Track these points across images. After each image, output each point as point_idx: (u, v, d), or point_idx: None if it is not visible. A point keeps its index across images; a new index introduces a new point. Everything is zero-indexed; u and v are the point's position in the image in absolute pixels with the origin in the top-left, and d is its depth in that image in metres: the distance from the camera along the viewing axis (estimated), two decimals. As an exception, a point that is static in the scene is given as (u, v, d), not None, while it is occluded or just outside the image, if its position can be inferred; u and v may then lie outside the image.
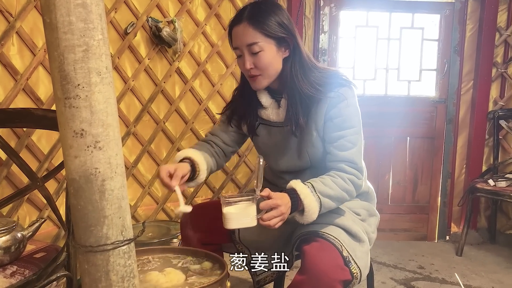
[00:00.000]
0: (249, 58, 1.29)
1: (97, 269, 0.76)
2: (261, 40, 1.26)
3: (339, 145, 1.28)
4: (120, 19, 2.33)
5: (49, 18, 0.69)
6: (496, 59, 2.82)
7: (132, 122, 2.45)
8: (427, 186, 2.97)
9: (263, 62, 1.28)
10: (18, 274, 1.26)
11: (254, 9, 1.29)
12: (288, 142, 1.38)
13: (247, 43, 1.27)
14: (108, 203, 0.74)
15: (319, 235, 1.24)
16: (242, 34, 1.28)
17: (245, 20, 1.27)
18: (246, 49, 1.28)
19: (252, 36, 1.26)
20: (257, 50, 1.27)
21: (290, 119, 1.33)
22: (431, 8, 2.83)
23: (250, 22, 1.26)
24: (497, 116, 2.82)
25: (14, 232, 1.29)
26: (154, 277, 1.15)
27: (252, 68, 1.29)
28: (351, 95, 1.30)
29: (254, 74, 1.30)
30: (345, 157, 1.28)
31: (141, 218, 2.56)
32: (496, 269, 2.52)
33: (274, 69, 1.31)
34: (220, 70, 2.69)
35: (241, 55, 1.31)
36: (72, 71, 0.70)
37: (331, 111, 1.29)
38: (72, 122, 0.71)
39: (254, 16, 1.27)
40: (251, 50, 1.27)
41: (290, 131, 1.34)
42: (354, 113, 1.30)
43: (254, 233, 1.42)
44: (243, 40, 1.28)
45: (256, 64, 1.28)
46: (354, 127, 1.30)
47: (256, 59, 1.28)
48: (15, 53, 2.00)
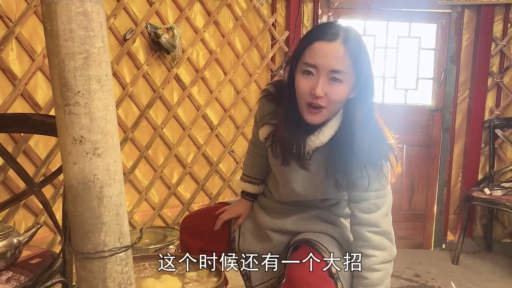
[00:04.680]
0: (325, 85, 1.08)
1: (94, 276, 0.76)
2: (349, 72, 1.09)
3: (363, 208, 1.18)
4: (119, 25, 2.34)
5: (50, 26, 0.70)
6: (492, 68, 2.84)
7: (129, 128, 2.45)
8: (424, 194, 2.98)
9: (337, 95, 1.10)
10: (13, 280, 1.26)
11: (350, 34, 1.10)
12: (296, 177, 1.27)
13: (334, 68, 1.08)
14: (106, 210, 0.74)
15: (310, 244, 1.24)
16: (332, 55, 1.07)
17: (341, 41, 1.08)
18: (326, 74, 1.08)
19: (343, 63, 1.08)
20: (339, 79, 1.08)
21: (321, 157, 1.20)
22: (428, 18, 2.86)
23: (347, 47, 1.08)
24: (493, 125, 2.83)
25: (10, 238, 1.28)
26: (151, 284, 1.15)
27: (322, 97, 1.09)
28: (388, 171, 1.17)
29: (319, 105, 1.10)
30: (369, 220, 1.18)
31: (138, 224, 2.55)
32: (492, 278, 2.52)
33: (340, 106, 1.15)
34: (218, 77, 2.70)
35: (312, 76, 1.10)
36: (72, 78, 0.70)
37: (360, 194, 1.18)
38: (71, 128, 0.71)
39: (351, 42, 1.08)
40: (332, 76, 1.08)
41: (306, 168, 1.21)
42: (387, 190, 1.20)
43: (253, 243, 1.43)
44: (331, 62, 1.07)
45: (329, 94, 1.09)
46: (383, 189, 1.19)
47: (332, 89, 1.09)
48: (14, 58, 2.01)
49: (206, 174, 2.73)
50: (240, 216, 1.47)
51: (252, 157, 1.52)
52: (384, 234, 1.20)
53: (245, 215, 1.47)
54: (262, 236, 1.41)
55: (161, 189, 2.63)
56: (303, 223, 1.34)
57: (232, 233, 1.48)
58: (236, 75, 2.74)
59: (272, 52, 2.77)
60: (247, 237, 1.45)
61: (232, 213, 1.47)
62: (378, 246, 1.19)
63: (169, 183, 2.63)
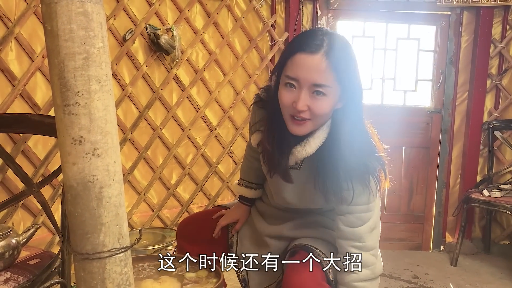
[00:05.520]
0: (307, 98, 1.05)
1: (93, 277, 0.76)
2: (332, 85, 1.05)
3: (347, 221, 1.16)
4: (119, 26, 2.34)
5: (50, 26, 0.69)
6: (490, 70, 2.85)
7: (129, 129, 2.45)
8: (422, 196, 2.98)
9: (321, 109, 1.07)
10: (12, 280, 1.25)
11: (334, 44, 1.05)
12: (287, 187, 1.26)
13: (316, 82, 1.04)
14: (105, 211, 0.74)
15: (307, 249, 1.23)
16: (313, 69, 1.03)
17: (323, 54, 1.03)
18: (308, 87, 1.05)
19: (325, 76, 1.04)
20: (322, 92, 1.05)
21: (309, 167, 1.18)
22: (427, 20, 2.87)
23: (329, 59, 1.03)
24: (491, 127, 2.84)
25: (9, 238, 1.28)
26: (150, 285, 1.15)
27: (305, 111, 1.07)
28: (375, 185, 1.16)
29: (303, 118, 1.08)
30: (353, 234, 1.16)
31: (137, 225, 2.55)
32: (491, 280, 2.52)
33: (326, 119, 1.12)
34: (218, 78, 2.70)
35: (294, 89, 1.07)
36: (72, 78, 0.70)
37: (348, 207, 1.15)
38: (71, 129, 0.71)
39: (334, 53, 1.04)
40: (314, 90, 1.05)
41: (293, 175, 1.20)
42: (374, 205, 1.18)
43: (251, 249, 1.42)
44: (312, 76, 1.03)
45: (312, 108, 1.06)
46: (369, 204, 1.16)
47: (315, 103, 1.06)
48: (13, 59, 2.00)
49: (205, 175, 2.73)
50: (238, 222, 1.46)
51: (248, 161, 1.49)
52: (368, 250, 1.17)
53: (243, 221, 1.46)
54: (260, 243, 1.40)
55: (160, 190, 2.63)
56: (300, 229, 1.34)
57: (230, 238, 1.47)
58: (235, 76, 2.74)
59: (271, 53, 2.77)
60: (245, 243, 1.44)
61: (229, 218, 1.46)
62: (361, 264, 1.16)
63: (168, 184, 2.63)
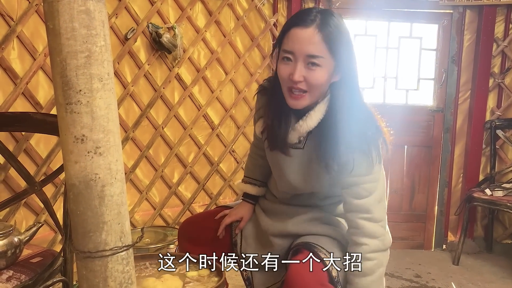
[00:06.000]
0: (302, 70, 1.12)
1: (95, 275, 0.76)
2: (326, 57, 1.11)
3: (354, 193, 1.18)
4: (121, 24, 2.34)
5: (52, 24, 0.69)
6: (493, 69, 2.83)
7: (130, 127, 2.45)
8: (424, 195, 2.98)
9: (316, 79, 1.12)
10: (14, 279, 1.26)
11: (327, 19, 1.11)
12: (291, 167, 1.28)
13: (310, 53, 1.10)
14: (108, 209, 0.74)
15: (309, 248, 1.22)
16: (307, 41, 1.10)
17: (315, 27, 1.10)
18: (303, 59, 1.11)
19: (318, 48, 1.10)
20: (316, 63, 1.11)
21: (313, 145, 1.21)
22: (430, 18, 2.86)
23: (322, 32, 1.10)
24: (494, 126, 2.83)
25: (11, 237, 1.28)
26: (151, 283, 1.15)
27: (301, 81, 1.13)
28: (377, 156, 1.17)
29: (300, 89, 1.14)
30: (361, 206, 1.17)
31: (138, 223, 2.55)
32: (493, 279, 2.52)
33: (323, 90, 1.17)
34: (220, 76, 2.70)
35: (291, 62, 1.13)
36: (74, 76, 0.70)
37: (352, 178, 1.17)
38: (73, 127, 0.71)
39: (327, 27, 1.10)
40: (310, 61, 1.11)
41: (296, 154, 1.24)
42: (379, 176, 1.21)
43: (256, 248, 1.42)
44: (306, 48, 1.10)
45: (308, 79, 1.12)
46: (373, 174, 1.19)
47: (310, 74, 1.12)
48: (15, 57, 2.01)
49: (207, 174, 2.73)
50: (242, 220, 1.46)
51: (253, 159, 1.53)
52: (376, 221, 1.18)
53: (247, 218, 1.46)
54: (264, 242, 1.40)
55: (161, 188, 2.63)
56: (304, 225, 1.33)
57: (234, 237, 1.47)
58: (237, 75, 2.74)
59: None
60: (250, 242, 1.43)
61: (233, 216, 1.46)
62: (370, 233, 1.17)
63: (170, 182, 2.63)
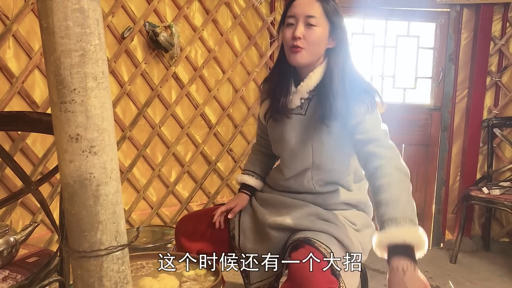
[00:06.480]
0: (302, 28, 1.30)
1: (90, 275, 0.75)
2: (321, 17, 1.30)
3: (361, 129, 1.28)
4: (117, 23, 2.33)
5: (46, 23, 0.69)
6: (490, 68, 2.84)
7: (127, 126, 2.44)
8: (422, 193, 2.98)
9: (314, 37, 1.30)
10: (10, 279, 1.25)
11: None
12: (293, 133, 1.38)
13: (308, 14, 1.29)
14: (103, 208, 0.74)
15: (309, 243, 1.23)
16: (307, 5, 1.30)
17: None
18: (303, 19, 1.30)
19: (315, 9, 1.30)
20: (313, 24, 1.29)
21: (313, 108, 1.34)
22: (427, 17, 2.86)
23: (320, 1, 1.30)
24: (491, 125, 2.83)
25: (7, 236, 1.28)
26: (148, 283, 1.14)
27: (301, 38, 1.30)
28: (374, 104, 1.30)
29: (299, 46, 1.30)
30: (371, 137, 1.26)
31: (136, 223, 2.55)
32: (490, 277, 2.52)
33: (319, 50, 1.33)
34: (217, 75, 2.70)
35: (293, 25, 1.32)
36: (68, 75, 0.70)
37: (355, 118, 1.27)
38: (67, 126, 0.71)
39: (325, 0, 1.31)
40: (308, 21, 1.30)
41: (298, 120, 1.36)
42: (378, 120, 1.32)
43: (254, 241, 1.42)
44: (305, 9, 1.30)
45: (306, 36, 1.30)
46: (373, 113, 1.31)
47: (309, 32, 1.30)
48: (11, 56, 2.00)
49: (204, 173, 2.73)
50: (237, 205, 1.50)
51: (254, 154, 1.66)
52: (390, 148, 1.24)
53: (242, 205, 1.51)
54: (262, 235, 1.41)
55: (159, 187, 2.62)
56: (301, 220, 1.34)
57: (231, 230, 1.47)
58: (234, 74, 2.73)
59: (270, 51, 2.76)
60: (248, 235, 1.44)
61: (228, 204, 1.50)
62: (385, 156, 1.21)
63: (167, 181, 2.63)
